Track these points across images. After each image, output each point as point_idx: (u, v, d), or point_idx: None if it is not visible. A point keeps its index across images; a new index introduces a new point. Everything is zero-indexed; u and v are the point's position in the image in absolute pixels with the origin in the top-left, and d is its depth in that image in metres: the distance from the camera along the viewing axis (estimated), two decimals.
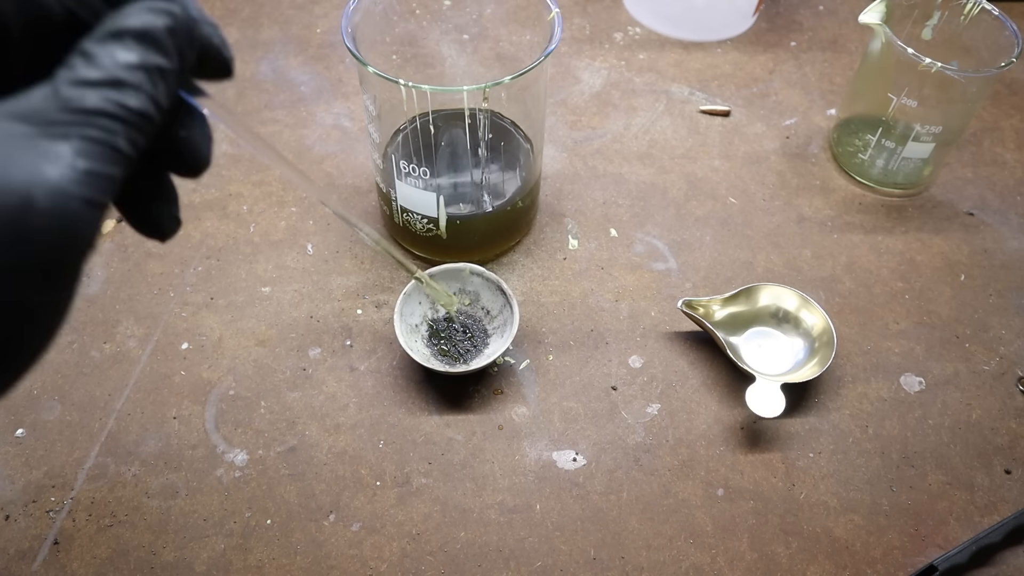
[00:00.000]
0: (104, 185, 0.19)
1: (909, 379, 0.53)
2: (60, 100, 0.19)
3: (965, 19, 0.58)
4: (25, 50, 0.20)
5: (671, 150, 0.66)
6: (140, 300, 0.54)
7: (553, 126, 0.67)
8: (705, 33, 0.75)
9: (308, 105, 0.68)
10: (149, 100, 0.20)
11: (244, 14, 0.76)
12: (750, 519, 0.46)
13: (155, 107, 0.20)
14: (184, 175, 0.25)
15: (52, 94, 0.19)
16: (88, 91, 0.19)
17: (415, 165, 0.49)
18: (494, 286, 0.51)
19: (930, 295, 0.57)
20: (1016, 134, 0.69)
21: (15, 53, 0.20)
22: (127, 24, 0.20)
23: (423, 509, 0.46)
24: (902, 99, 0.57)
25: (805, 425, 0.50)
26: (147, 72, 0.20)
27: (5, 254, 0.17)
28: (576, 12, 0.78)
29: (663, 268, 0.58)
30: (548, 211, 0.61)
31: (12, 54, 0.20)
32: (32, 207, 0.17)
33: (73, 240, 0.19)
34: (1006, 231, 0.61)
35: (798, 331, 0.53)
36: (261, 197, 0.61)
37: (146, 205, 0.24)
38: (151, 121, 0.20)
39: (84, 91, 0.19)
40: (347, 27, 0.46)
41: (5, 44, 0.20)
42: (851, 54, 0.75)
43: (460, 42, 0.58)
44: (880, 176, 0.62)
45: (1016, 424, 0.51)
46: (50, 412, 0.49)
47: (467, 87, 0.44)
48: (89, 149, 0.19)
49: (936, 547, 0.45)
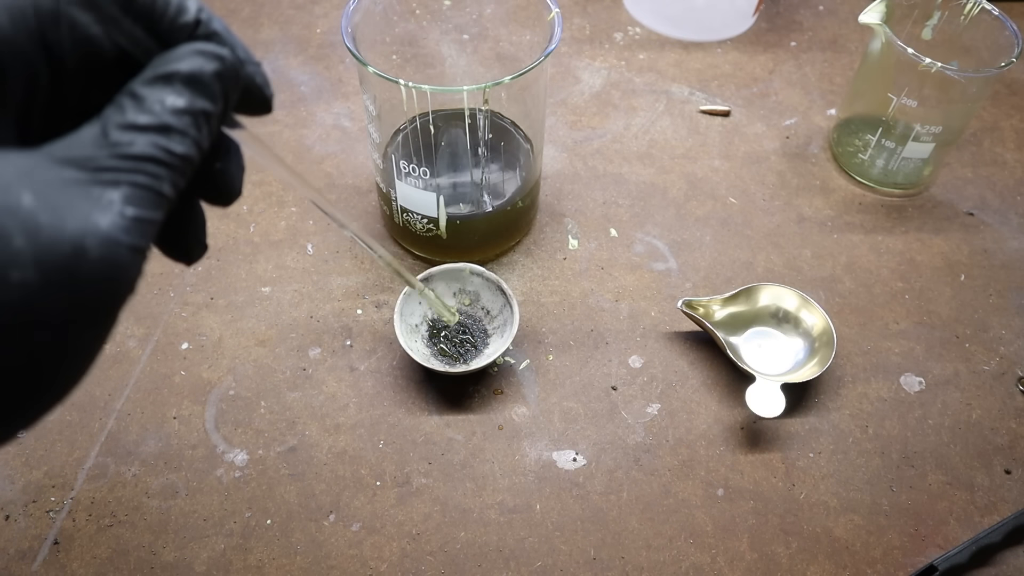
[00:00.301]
0: (149, 231, 0.19)
1: (909, 379, 0.53)
2: (110, 145, 0.19)
3: (965, 19, 0.58)
4: (78, 85, 0.21)
5: (671, 150, 0.66)
6: (140, 300, 0.54)
7: (553, 126, 0.67)
8: (705, 33, 0.75)
9: (308, 105, 0.68)
10: (194, 144, 0.20)
11: (244, 14, 0.76)
12: (750, 519, 0.46)
13: (198, 150, 0.21)
14: (215, 204, 0.25)
15: (102, 137, 0.19)
16: (137, 136, 0.19)
17: (415, 165, 0.49)
18: (494, 286, 0.51)
19: (930, 295, 0.57)
20: (1016, 134, 0.69)
21: (68, 87, 0.21)
22: (177, 68, 0.20)
23: (423, 509, 0.46)
24: (902, 99, 0.57)
25: (805, 425, 0.50)
26: (194, 117, 0.20)
27: (57, 301, 0.18)
28: (576, 12, 0.78)
29: (663, 268, 0.58)
30: (548, 211, 0.61)
31: (65, 88, 0.21)
32: (84, 256, 0.18)
33: (119, 286, 0.19)
34: (1006, 231, 0.61)
35: (798, 331, 0.53)
36: (261, 197, 0.61)
37: (175, 232, 0.24)
38: (193, 164, 0.21)
39: (134, 136, 0.19)
40: (347, 27, 0.46)
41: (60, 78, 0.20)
42: (851, 54, 0.75)
43: (460, 42, 0.58)
44: (880, 176, 0.62)
45: (1016, 424, 0.51)
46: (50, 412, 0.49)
47: (467, 87, 0.44)
48: (137, 196, 0.19)
49: (936, 547, 0.45)
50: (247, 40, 0.73)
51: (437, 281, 0.52)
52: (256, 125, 0.65)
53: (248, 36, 0.73)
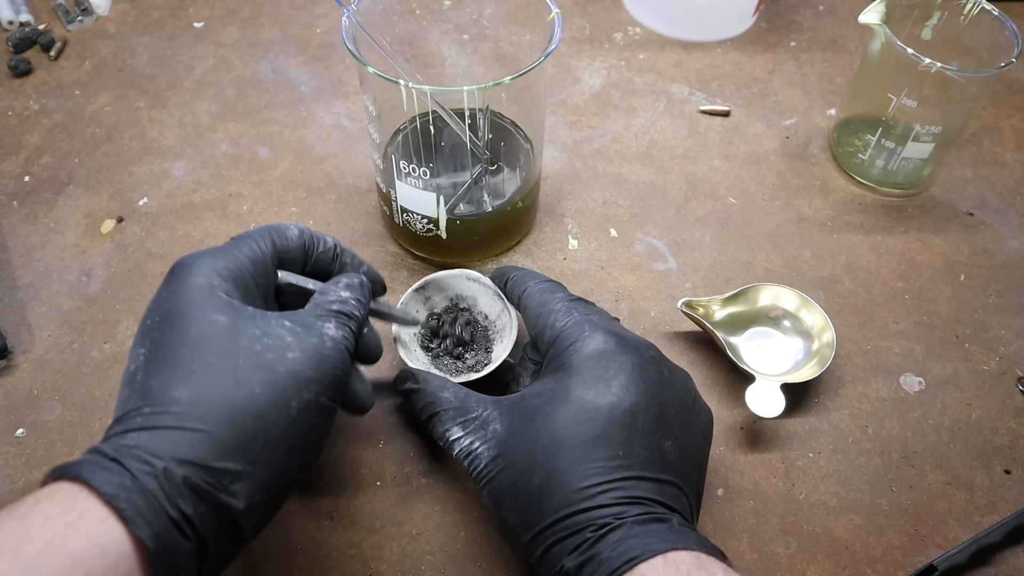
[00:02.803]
0: (349, 344, 0.37)
1: (909, 379, 0.53)
2: (322, 309, 0.38)
3: (965, 19, 0.58)
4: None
5: (671, 150, 0.66)
6: (140, 300, 0.54)
7: (553, 126, 0.67)
8: (705, 33, 0.75)
9: (308, 105, 0.68)
10: (356, 309, 0.39)
11: (244, 14, 0.76)
12: (750, 519, 0.46)
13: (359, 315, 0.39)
14: (365, 363, 0.43)
15: (316, 307, 0.38)
16: (333, 305, 0.38)
17: (415, 165, 0.49)
18: (491, 291, 0.51)
19: (930, 295, 0.57)
20: (1016, 134, 0.69)
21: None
22: (345, 281, 0.40)
23: (423, 509, 0.46)
24: (902, 99, 0.57)
25: (805, 425, 0.50)
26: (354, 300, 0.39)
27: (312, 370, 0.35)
28: (576, 12, 0.78)
29: (663, 268, 0.58)
30: (548, 211, 0.61)
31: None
32: (324, 343, 0.36)
33: (343, 368, 0.36)
34: (1006, 231, 0.61)
35: (798, 331, 0.53)
36: (261, 197, 0.61)
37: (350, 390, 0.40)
38: (357, 320, 0.39)
39: (331, 305, 0.38)
40: (347, 27, 0.46)
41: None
42: (851, 54, 0.75)
43: (460, 42, 0.58)
44: (880, 176, 0.62)
45: (1016, 424, 0.51)
46: (50, 412, 0.49)
47: (467, 87, 0.44)
48: (338, 324, 0.37)
49: (936, 547, 0.45)
50: (247, 40, 0.73)
51: (432, 289, 0.51)
52: (256, 125, 0.65)
53: (248, 36, 0.73)
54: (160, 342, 0.34)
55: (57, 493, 0.29)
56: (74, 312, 0.54)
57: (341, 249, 0.43)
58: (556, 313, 0.43)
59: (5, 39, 0.70)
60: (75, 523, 0.28)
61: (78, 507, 0.29)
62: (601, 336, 0.40)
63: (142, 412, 0.32)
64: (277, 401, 0.33)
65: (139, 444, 0.31)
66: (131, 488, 0.29)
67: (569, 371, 0.40)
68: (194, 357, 0.33)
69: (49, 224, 0.58)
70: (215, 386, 0.32)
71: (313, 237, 0.42)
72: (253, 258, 0.38)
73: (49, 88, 0.68)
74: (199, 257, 0.37)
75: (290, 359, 0.34)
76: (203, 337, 0.33)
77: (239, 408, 0.32)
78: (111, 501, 0.29)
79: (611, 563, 0.33)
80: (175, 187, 0.61)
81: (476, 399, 0.42)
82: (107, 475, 0.29)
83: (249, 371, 0.33)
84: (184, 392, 0.32)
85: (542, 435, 0.38)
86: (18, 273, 0.55)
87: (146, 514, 0.29)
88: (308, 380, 0.34)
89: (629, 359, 0.39)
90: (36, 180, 0.61)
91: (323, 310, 0.38)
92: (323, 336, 0.36)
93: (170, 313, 0.34)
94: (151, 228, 0.58)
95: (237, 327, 0.34)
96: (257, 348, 0.34)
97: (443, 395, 0.42)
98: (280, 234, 0.40)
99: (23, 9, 0.73)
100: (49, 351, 0.52)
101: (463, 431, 0.40)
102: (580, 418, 0.37)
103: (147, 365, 0.33)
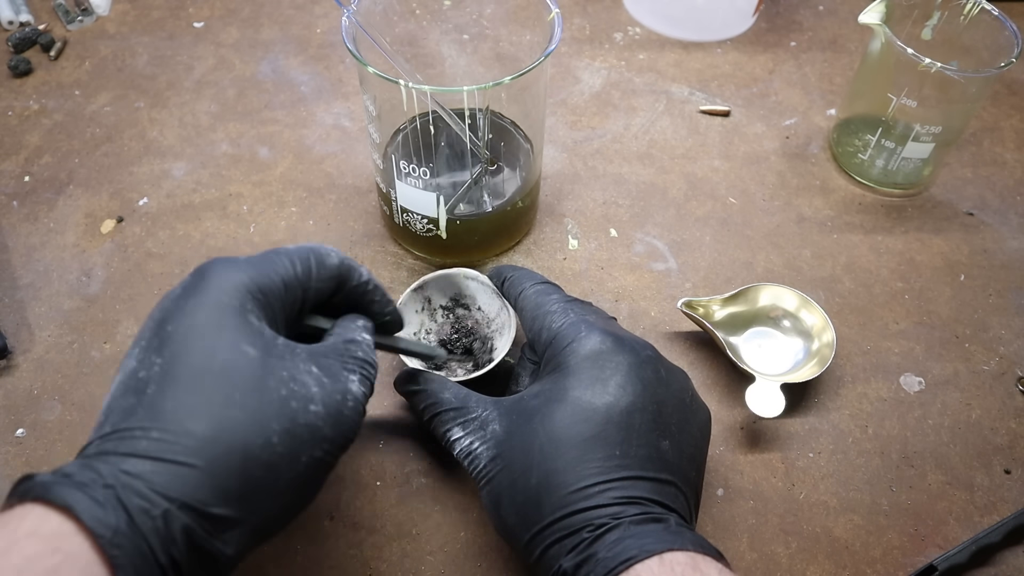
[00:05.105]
0: (367, 399, 0.36)
1: (909, 379, 0.53)
2: (347, 356, 0.36)
3: (965, 19, 0.58)
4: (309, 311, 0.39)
5: (671, 150, 0.66)
6: (140, 300, 0.54)
7: (553, 126, 0.67)
8: (705, 33, 0.75)
9: (308, 105, 0.68)
10: (372, 353, 0.38)
11: (244, 14, 0.76)
12: (750, 519, 0.46)
13: (374, 357, 0.38)
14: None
15: (340, 352, 0.36)
16: (357, 352, 0.37)
17: (415, 165, 0.49)
18: (489, 289, 0.51)
19: (930, 295, 0.57)
20: (1016, 134, 0.69)
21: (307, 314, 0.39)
22: (361, 323, 0.39)
23: (423, 509, 0.46)
24: (902, 99, 0.57)
25: (805, 425, 0.50)
26: (372, 345, 0.38)
27: (331, 427, 0.33)
28: (576, 12, 0.78)
29: (663, 268, 0.58)
30: (548, 211, 0.61)
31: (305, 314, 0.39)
32: (346, 402, 0.34)
33: (358, 425, 0.35)
34: (1006, 231, 0.61)
35: (798, 331, 0.53)
36: (261, 197, 0.61)
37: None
38: (375, 368, 0.38)
39: (356, 351, 0.37)
40: (347, 27, 0.46)
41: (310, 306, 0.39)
42: (851, 54, 0.75)
43: (460, 42, 0.58)
44: (880, 176, 0.62)
45: (1016, 424, 0.51)
46: (50, 412, 0.49)
47: (467, 87, 0.44)
48: (362, 379, 0.36)
49: (936, 547, 0.45)
50: (247, 40, 0.73)
51: (431, 288, 0.51)
52: (256, 125, 0.65)
53: (248, 36, 0.73)
54: (180, 359, 0.32)
55: (43, 525, 0.27)
56: (74, 312, 0.54)
57: (375, 285, 0.40)
58: (552, 314, 0.43)
59: (5, 39, 0.70)
60: (57, 568, 0.26)
61: (63, 547, 0.27)
62: (597, 336, 0.40)
63: (149, 436, 0.30)
64: (290, 454, 0.32)
65: (141, 475, 0.29)
66: (126, 533, 0.28)
67: (566, 371, 0.40)
68: (218, 389, 0.31)
69: (49, 224, 0.58)
70: (235, 428, 0.31)
71: (350, 269, 0.39)
72: (287, 281, 0.36)
73: (49, 88, 0.68)
74: (234, 269, 0.35)
75: (311, 412, 0.33)
76: (230, 368, 0.32)
77: (253, 456, 0.31)
78: (103, 546, 0.27)
79: (607, 563, 0.33)
80: (175, 187, 0.61)
81: (476, 400, 0.42)
82: (102, 513, 0.28)
83: (271, 418, 0.31)
84: (200, 427, 0.30)
85: (539, 435, 0.38)
86: (18, 273, 0.55)
87: (136, 562, 0.28)
88: (323, 438, 0.33)
89: (626, 359, 0.39)
90: (36, 180, 0.61)
91: (348, 357, 0.36)
92: (347, 394, 0.34)
93: (196, 328, 0.32)
94: (151, 228, 0.58)
95: (266, 365, 0.32)
96: (283, 393, 0.32)
97: (444, 396, 0.42)
98: (320, 261, 0.38)
99: (23, 9, 0.73)
100: (49, 351, 0.52)
101: (463, 431, 0.41)
102: (577, 418, 0.37)
103: (162, 380, 0.31)
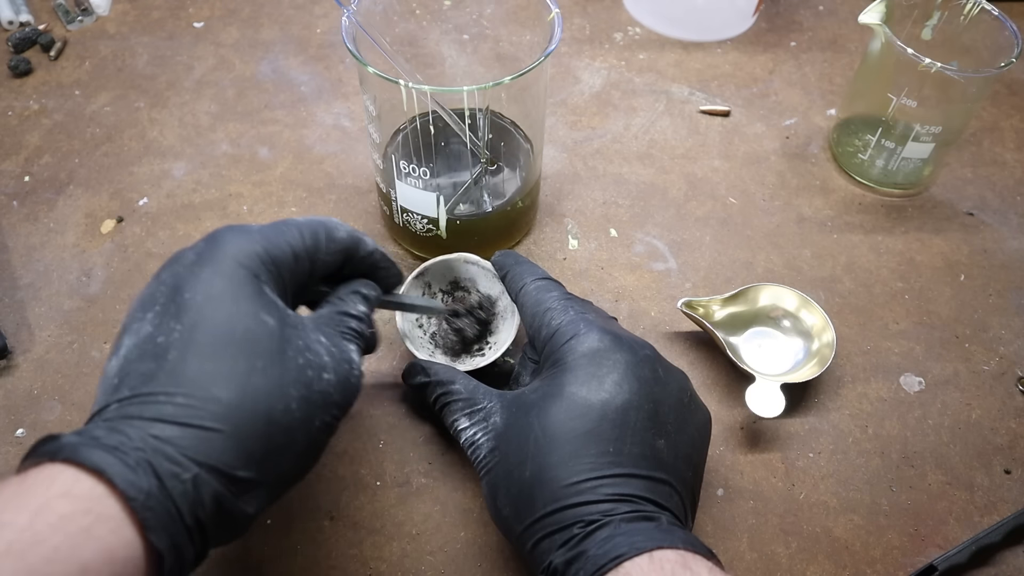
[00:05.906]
0: (360, 362, 0.37)
1: (909, 379, 0.53)
2: (344, 326, 0.38)
3: (965, 19, 0.58)
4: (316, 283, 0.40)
5: (671, 150, 0.66)
6: None
7: (553, 126, 0.67)
8: (705, 33, 0.75)
9: (308, 105, 0.68)
10: (368, 318, 0.40)
11: (244, 14, 0.76)
12: (750, 519, 0.46)
13: (370, 322, 0.40)
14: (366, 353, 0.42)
15: (337, 321, 0.38)
16: (352, 323, 0.38)
17: (415, 165, 0.49)
18: (489, 274, 0.51)
19: (930, 295, 0.57)
20: (1016, 134, 0.69)
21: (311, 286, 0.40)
22: (363, 292, 0.40)
23: (423, 509, 0.46)
24: (902, 99, 0.57)
25: (805, 425, 0.50)
26: (368, 314, 0.40)
27: (339, 393, 0.35)
28: (576, 12, 0.78)
29: (663, 268, 0.58)
30: (548, 211, 0.61)
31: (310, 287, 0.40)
32: (351, 371, 0.36)
33: (358, 388, 0.37)
34: (1006, 231, 0.61)
35: (798, 331, 0.53)
36: (261, 197, 0.61)
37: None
38: (368, 340, 0.40)
39: (351, 323, 0.38)
40: (347, 27, 0.46)
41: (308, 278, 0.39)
42: (851, 54, 0.75)
43: (460, 42, 0.58)
44: (880, 176, 0.62)
45: (1016, 424, 0.51)
46: (50, 412, 0.49)
47: (467, 87, 0.44)
48: (358, 350, 0.38)
49: (936, 547, 0.45)
50: (247, 40, 0.73)
51: (432, 274, 0.51)
52: (256, 125, 0.65)
53: (248, 36, 0.73)
54: (200, 327, 0.32)
55: (76, 486, 0.28)
56: (74, 312, 0.54)
57: (381, 254, 0.41)
58: (552, 312, 0.43)
59: (5, 39, 0.70)
60: (90, 528, 0.27)
61: (95, 509, 0.28)
62: (596, 334, 0.41)
63: (174, 401, 0.30)
64: (305, 419, 0.33)
65: (171, 440, 0.30)
66: (157, 496, 0.29)
67: (564, 368, 0.40)
68: (240, 357, 0.32)
69: (49, 224, 0.58)
70: (259, 394, 0.32)
71: (358, 242, 0.40)
72: (296, 253, 0.36)
73: (49, 88, 0.68)
74: (248, 239, 0.35)
75: (325, 380, 0.34)
76: (252, 337, 0.32)
77: (275, 421, 0.32)
78: (135, 508, 0.28)
79: (597, 560, 0.33)
80: (175, 187, 0.61)
81: (483, 391, 0.43)
82: (134, 477, 0.28)
83: (290, 385, 0.33)
84: (226, 393, 0.31)
85: (535, 429, 0.38)
86: (18, 273, 0.55)
87: (166, 523, 0.29)
88: (333, 404, 0.35)
89: (623, 357, 0.40)
90: (36, 180, 0.61)
91: (345, 327, 0.38)
92: (352, 364, 0.36)
93: (215, 298, 0.33)
94: (151, 228, 0.58)
95: (284, 335, 0.33)
96: (300, 362, 0.33)
97: (453, 386, 0.43)
98: (329, 234, 0.38)
99: (23, 9, 0.73)
100: (49, 351, 0.52)
101: (469, 421, 0.42)
102: (572, 414, 0.38)
103: (184, 347, 0.31)
